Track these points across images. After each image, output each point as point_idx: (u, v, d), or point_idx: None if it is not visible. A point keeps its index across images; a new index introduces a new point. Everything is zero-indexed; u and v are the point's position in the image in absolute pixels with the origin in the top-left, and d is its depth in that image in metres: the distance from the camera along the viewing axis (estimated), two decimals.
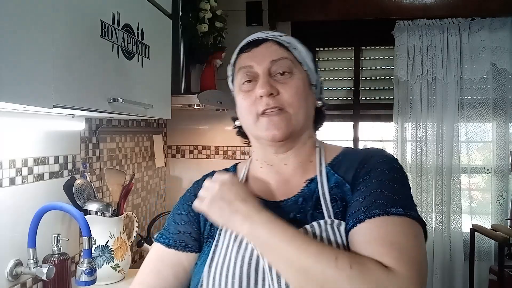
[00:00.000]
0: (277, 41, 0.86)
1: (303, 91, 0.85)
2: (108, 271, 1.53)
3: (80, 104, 1.02)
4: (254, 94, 0.83)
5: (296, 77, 0.84)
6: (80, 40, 1.00)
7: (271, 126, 0.82)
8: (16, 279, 1.25)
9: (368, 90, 2.67)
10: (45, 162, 1.41)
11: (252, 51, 0.86)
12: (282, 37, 0.88)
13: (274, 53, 0.85)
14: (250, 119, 0.84)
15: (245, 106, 0.85)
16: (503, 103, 2.46)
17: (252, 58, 0.86)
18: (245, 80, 0.86)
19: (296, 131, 0.84)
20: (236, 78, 0.89)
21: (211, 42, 2.09)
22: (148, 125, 2.27)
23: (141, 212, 2.18)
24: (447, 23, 2.43)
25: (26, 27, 0.81)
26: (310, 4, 2.44)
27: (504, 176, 2.48)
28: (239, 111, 0.89)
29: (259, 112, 0.82)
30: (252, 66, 0.85)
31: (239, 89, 0.88)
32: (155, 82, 1.46)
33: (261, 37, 0.88)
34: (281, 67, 0.84)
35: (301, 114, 0.84)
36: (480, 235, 2.38)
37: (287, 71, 0.84)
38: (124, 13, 1.20)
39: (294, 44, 0.88)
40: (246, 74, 0.86)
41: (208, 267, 0.81)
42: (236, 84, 0.90)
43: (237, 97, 0.89)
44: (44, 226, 1.29)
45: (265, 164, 0.90)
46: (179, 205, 0.94)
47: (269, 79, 0.83)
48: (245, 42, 0.89)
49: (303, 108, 0.84)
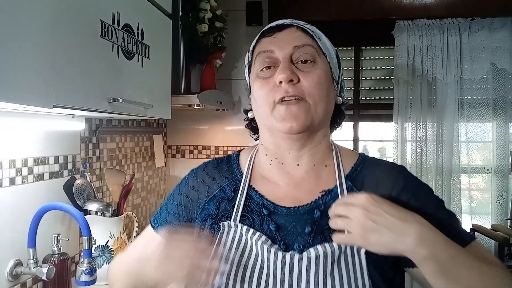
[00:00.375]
0: (302, 27, 0.81)
1: (325, 82, 0.79)
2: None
3: (80, 104, 1.02)
4: (273, 81, 0.78)
5: (319, 67, 0.79)
6: (80, 40, 1.00)
7: (289, 116, 0.76)
8: (16, 279, 1.25)
9: (368, 90, 2.67)
10: (45, 162, 1.41)
11: (275, 36, 0.81)
12: (307, 25, 0.83)
13: (297, 39, 0.80)
14: (267, 107, 0.78)
15: (262, 94, 0.79)
16: (503, 103, 2.46)
17: (274, 42, 0.80)
18: (264, 66, 0.80)
19: (314, 124, 0.78)
20: (254, 65, 0.83)
21: (211, 42, 2.09)
22: (148, 125, 2.27)
23: (141, 212, 2.18)
24: (447, 23, 2.43)
25: (26, 27, 0.81)
26: (310, 4, 2.44)
27: (504, 176, 2.48)
28: (254, 100, 0.82)
29: (276, 100, 0.77)
30: (273, 51, 0.79)
31: (256, 76, 0.81)
32: (155, 82, 1.46)
33: (285, 22, 0.82)
34: (304, 54, 0.78)
35: (321, 106, 0.78)
36: (480, 235, 2.38)
37: (310, 60, 0.79)
38: (124, 13, 1.20)
39: (319, 34, 0.83)
40: (266, 60, 0.80)
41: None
42: (253, 71, 0.83)
43: (253, 85, 0.82)
44: (44, 226, 1.29)
45: (275, 161, 0.83)
46: (174, 192, 0.90)
47: (290, 65, 0.78)
48: (267, 27, 0.84)
49: (323, 100, 0.78)
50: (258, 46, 0.83)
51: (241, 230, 0.78)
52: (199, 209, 0.85)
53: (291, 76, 0.76)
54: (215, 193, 0.84)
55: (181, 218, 0.87)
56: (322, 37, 0.83)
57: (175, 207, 0.88)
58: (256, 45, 0.84)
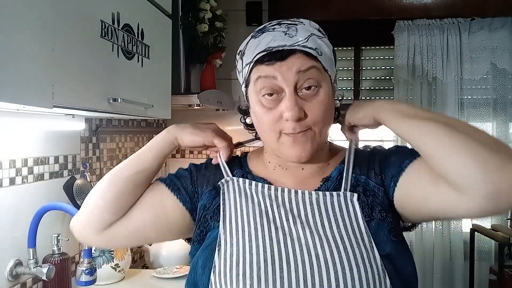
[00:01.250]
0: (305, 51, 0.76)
1: (328, 105, 0.79)
2: (108, 271, 1.53)
3: (80, 104, 1.02)
4: (278, 112, 0.76)
5: (322, 91, 0.78)
6: (80, 40, 1.00)
7: (297, 147, 0.77)
8: (16, 279, 1.25)
9: (368, 90, 2.67)
10: (45, 162, 1.41)
11: (277, 64, 0.75)
12: (309, 40, 0.77)
13: (301, 64, 0.75)
14: (273, 135, 0.78)
15: (267, 122, 0.78)
16: (503, 103, 2.46)
17: (276, 69, 0.75)
18: (266, 93, 0.77)
19: (321, 146, 0.81)
20: (253, 84, 0.79)
21: (211, 42, 2.09)
22: (148, 125, 2.27)
23: None
24: (447, 23, 2.43)
25: (26, 27, 0.81)
26: (310, 4, 2.44)
27: None
28: (257, 121, 0.81)
29: (282, 131, 0.77)
30: (275, 78, 0.75)
31: (256, 100, 0.79)
32: (155, 82, 1.46)
33: (286, 45, 0.75)
34: (308, 80, 0.76)
35: (325, 130, 0.81)
36: (480, 235, 2.38)
37: (315, 85, 0.76)
38: (124, 13, 1.20)
39: (320, 48, 0.78)
40: (268, 87, 0.76)
41: (222, 223, 0.79)
42: (252, 90, 0.80)
43: (253, 104, 0.80)
44: (44, 226, 1.29)
45: (279, 168, 0.85)
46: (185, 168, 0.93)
47: (296, 98, 0.75)
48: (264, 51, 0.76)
49: (328, 123, 0.81)
50: (257, 69, 0.78)
51: (237, 182, 0.83)
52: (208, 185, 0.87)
53: (299, 114, 0.75)
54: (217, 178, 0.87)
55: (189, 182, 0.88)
56: (323, 47, 0.79)
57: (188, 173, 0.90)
58: (252, 67, 0.78)
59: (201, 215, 0.84)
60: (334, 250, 0.73)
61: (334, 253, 0.72)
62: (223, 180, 0.84)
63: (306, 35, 0.77)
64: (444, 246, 2.48)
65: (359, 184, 0.81)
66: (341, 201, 0.78)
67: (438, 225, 2.48)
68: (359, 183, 0.81)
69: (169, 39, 1.59)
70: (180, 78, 1.87)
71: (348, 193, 0.79)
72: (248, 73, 0.80)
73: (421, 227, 2.48)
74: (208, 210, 0.84)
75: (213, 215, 0.83)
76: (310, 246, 0.74)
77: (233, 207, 0.81)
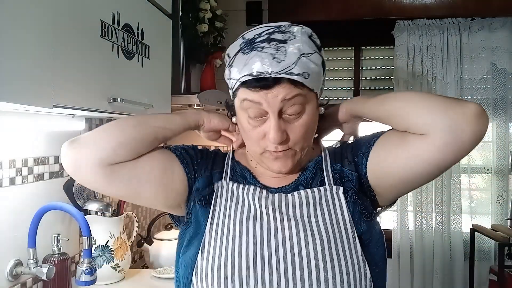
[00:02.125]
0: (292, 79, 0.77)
1: (311, 125, 0.83)
2: (108, 271, 1.53)
3: (80, 104, 1.02)
4: (263, 131, 0.80)
5: (306, 113, 0.81)
6: (80, 40, 1.00)
7: (278, 162, 0.83)
8: (16, 279, 1.25)
9: (368, 90, 2.67)
10: (45, 162, 1.41)
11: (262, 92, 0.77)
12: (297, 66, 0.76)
13: (286, 92, 0.77)
14: (257, 149, 0.84)
15: (252, 137, 0.83)
16: (503, 103, 2.46)
17: (261, 96, 0.77)
18: (252, 115, 0.80)
19: (301, 160, 0.86)
20: (238, 101, 0.82)
21: (211, 42, 2.09)
22: None
23: (141, 212, 2.18)
24: (447, 23, 2.43)
25: (26, 27, 0.81)
26: (310, 4, 2.44)
27: (504, 176, 2.48)
28: (242, 131, 0.86)
29: (266, 149, 0.82)
30: (261, 104, 0.78)
31: (243, 115, 0.83)
32: (155, 82, 1.46)
33: (273, 72, 0.75)
34: (292, 107, 0.78)
35: (306, 146, 0.85)
36: (480, 235, 2.38)
37: (298, 111, 0.80)
38: (124, 13, 1.20)
39: (308, 69, 0.78)
40: (253, 111, 0.80)
41: (209, 226, 0.82)
42: (238, 104, 0.83)
43: (240, 117, 0.84)
44: (44, 226, 1.29)
45: (259, 166, 0.90)
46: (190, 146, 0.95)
47: (280, 123, 0.79)
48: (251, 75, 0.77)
49: (309, 141, 0.86)
50: (243, 91, 0.80)
51: (232, 187, 0.86)
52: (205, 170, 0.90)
53: (282, 137, 0.79)
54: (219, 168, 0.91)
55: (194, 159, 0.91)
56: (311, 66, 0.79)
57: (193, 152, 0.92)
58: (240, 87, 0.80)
59: (193, 196, 0.88)
60: (318, 244, 0.77)
61: (318, 247, 0.77)
62: (218, 183, 0.87)
63: (294, 59, 0.76)
64: (444, 246, 2.48)
65: (336, 172, 0.87)
66: (327, 195, 0.83)
67: (438, 225, 2.48)
68: (335, 171, 0.87)
69: (169, 39, 1.59)
70: (180, 78, 1.87)
71: (334, 187, 0.84)
72: (235, 89, 0.83)
73: (421, 227, 2.49)
74: (199, 193, 0.87)
75: (200, 201, 0.86)
76: (294, 243, 0.78)
77: (222, 212, 0.84)
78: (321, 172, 0.87)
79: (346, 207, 0.82)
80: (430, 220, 2.49)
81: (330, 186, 0.84)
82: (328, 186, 0.84)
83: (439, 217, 2.48)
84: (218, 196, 0.86)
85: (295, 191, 0.85)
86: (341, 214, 0.81)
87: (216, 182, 0.87)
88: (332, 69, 2.70)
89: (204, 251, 0.79)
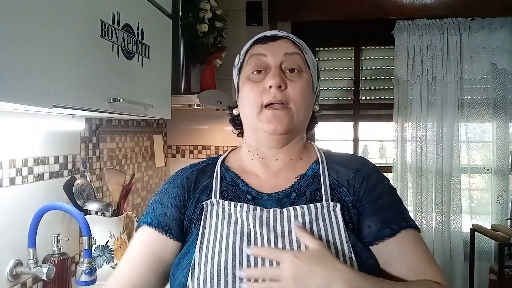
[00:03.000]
0: (292, 40, 0.90)
1: (307, 91, 0.88)
2: (108, 271, 1.53)
3: (80, 104, 1.02)
4: (263, 85, 0.85)
5: (303, 77, 0.88)
6: (80, 40, 1.00)
7: (274, 120, 0.84)
8: (16, 279, 1.25)
9: (368, 90, 2.67)
10: (45, 162, 1.41)
11: (268, 44, 0.89)
12: (297, 38, 0.92)
13: (288, 48, 0.88)
14: (254, 109, 0.86)
15: (251, 96, 0.87)
16: (503, 103, 2.46)
17: (267, 48, 0.88)
18: (256, 69, 0.88)
19: (295, 129, 0.88)
20: (245, 67, 0.91)
21: (211, 42, 2.09)
22: (148, 125, 2.27)
23: (141, 212, 2.18)
24: (447, 23, 2.43)
25: (26, 27, 0.81)
26: (310, 4, 2.44)
27: (504, 176, 2.48)
28: (243, 101, 0.90)
29: (264, 104, 0.85)
30: (265, 55, 0.87)
31: (246, 78, 0.89)
32: (155, 82, 1.46)
33: (278, 34, 0.91)
34: (292, 63, 0.87)
35: (302, 113, 0.87)
36: (480, 235, 2.38)
37: (297, 69, 0.87)
38: (124, 13, 1.20)
39: (305, 48, 0.92)
40: (258, 64, 0.88)
41: (199, 246, 0.80)
42: (243, 73, 0.91)
43: (242, 87, 0.90)
44: (44, 226, 1.29)
45: (257, 156, 0.92)
46: (168, 188, 0.92)
47: (280, 72, 0.86)
48: (261, 35, 0.92)
49: (305, 107, 0.88)
50: (251, 50, 0.91)
51: (223, 205, 0.85)
52: (191, 199, 0.89)
53: (281, 82, 0.84)
54: (205, 184, 0.91)
55: (179, 208, 0.89)
56: (308, 51, 0.92)
57: (173, 199, 0.89)
58: (249, 49, 0.92)
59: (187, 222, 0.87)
60: None
61: None
62: (208, 201, 0.86)
63: (295, 36, 0.92)
64: (444, 246, 2.48)
65: (334, 190, 0.85)
66: (324, 212, 0.82)
67: (438, 225, 2.48)
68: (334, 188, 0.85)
69: (169, 39, 1.59)
70: (180, 78, 1.87)
71: (331, 203, 0.83)
72: (243, 55, 0.92)
73: (421, 227, 2.49)
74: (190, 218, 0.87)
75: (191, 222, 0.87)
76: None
77: (213, 232, 0.82)
78: (318, 182, 0.86)
79: (343, 225, 0.80)
80: (430, 220, 2.49)
81: (328, 202, 0.83)
82: (325, 202, 0.83)
83: (439, 217, 2.48)
84: (208, 214, 0.84)
85: (288, 198, 0.84)
86: (337, 232, 0.80)
87: (206, 200, 0.87)
88: (332, 69, 2.70)
89: (194, 273, 0.77)
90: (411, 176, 2.51)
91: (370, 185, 0.85)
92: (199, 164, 0.96)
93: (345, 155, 0.94)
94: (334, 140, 2.78)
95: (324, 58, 2.70)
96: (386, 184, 0.88)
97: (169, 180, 0.94)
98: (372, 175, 0.87)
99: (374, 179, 0.86)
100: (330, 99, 2.70)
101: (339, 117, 2.71)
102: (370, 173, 0.87)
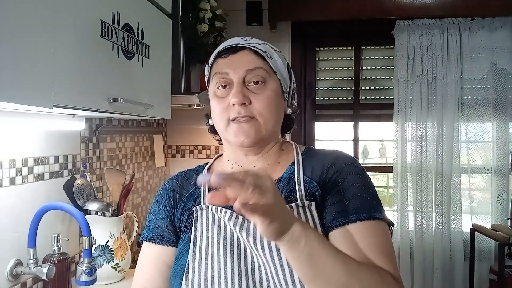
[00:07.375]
0: (254, 49, 0.89)
1: (274, 101, 0.88)
2: (108, 271, 1.53)
3: (80, 104, 1.02)
4: (228, 100, 0.86)
5: (268, 87, 0.88)
6: (80, 40, 1.00)
7: (240, 133, 0.86)
8: (16, 279, 1.26)
9: (368, 90, 2.67)
10: (45, 162, 1.41)
11: (229, 58, 0.89)
12: (260, 45, 0.90)
13: (250, 62, 0.88)
14: (222, 124, 0.88)
15: (218, 111, 0.88)
16: (503, 103, 2.46)
17: (228, 65, 0.88)
18: (220, 85, 0.89)
19: (265, 138, 0.89)
20: (212, 82, 0.92)
21: (211, 42, 2.09)
22: (148, 125, 2.27)
23: (141, 212, 2.18)
24: (447, 23, 2.43)
25: (26, 27, 0.81)
26: (310, 4, 2.43)
27: (504, 176, 2.48)
28: (213, 114, 0.92)
29: (230, 118, 0.86)
30: (227, 73, 0.88)
31: (213, 94, 0.91)
32: (155, 82, 1.46)
33: (239, 44, 0.90)
34: (255, 76, 0.87)
35: (270, 123, 0.88)
36: (480, 235, 2.38)
37: (261, 81, 0.87)
38: (124, 13, 1.20)
39: (270, 53, 0.90)
40: (222, 80, 0.89)
41: (192, 251, 0.85)
42: (211, 87, 0.93)
43: (211, 100, 0.92)
44: (44, 226, 1.29)
45: (236, 164, 0.94)
46: (158, 200, 0.98)
47: (243, 88, 0.86)
48: (222, 47, 0.92)
49: (273, 117, 0.88)
50: (215, 66, 0.92)
51: (211, 209, 0.88)
52: (178, 206, 0.95)
53: (243, 100, 0.85)
54: (191, 191, 0.95)
55: (168, 218, 0.95)
56: (274, 55, 0.91)
57: (162, 210, 0.96)
58: (213, 64, 0.93)
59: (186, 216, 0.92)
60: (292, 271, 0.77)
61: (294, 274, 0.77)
62: (197, 207, 0.90)
63: (259, 42, 0.91)
64: (444, 246, 2.48)
65: (307, 187, 0.86)
66: (300, 211, 0.83)
67: (438, 225, 2.48)
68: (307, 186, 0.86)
69: (169, 39, 1.59)
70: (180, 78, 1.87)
71: (306, 202, 0.84)
72: (209, 70, 0.94)
73: (421, 227, 2.49)
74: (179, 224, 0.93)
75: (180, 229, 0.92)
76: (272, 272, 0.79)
77: (204, 235, 0.86)
78: (293, 182, 0.87)
79: (319, 222, 0.82)
80: (430, 220, 2.49)
81: (302, 202, 0.84)
82: (300, 201, 0.84)
83: (439, 217, 2.48)
84: (198, 219, 0.88)
85: None
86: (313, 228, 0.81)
87: (194, 206, 0.91)
88: (332, 69, 2.70)
89: (189, 277, 0.83)
90: (411, 176, 2.51)
91: (339, 178, 0.85)
92: (186, 172, 1.01)
93: (324, 152, 0.93)
94: (334, 140, 2.78)
95: (324, 58, 2.70)
96: (356, 176, 0.86)
97: (159, 192, 1.01)
98: (344, 169, 0.87)
99: (345, 172, 0.86)
100: (330, 99, 2.70)
101: (339, 117, 2.71)
102: (342, 167, 0.87)
